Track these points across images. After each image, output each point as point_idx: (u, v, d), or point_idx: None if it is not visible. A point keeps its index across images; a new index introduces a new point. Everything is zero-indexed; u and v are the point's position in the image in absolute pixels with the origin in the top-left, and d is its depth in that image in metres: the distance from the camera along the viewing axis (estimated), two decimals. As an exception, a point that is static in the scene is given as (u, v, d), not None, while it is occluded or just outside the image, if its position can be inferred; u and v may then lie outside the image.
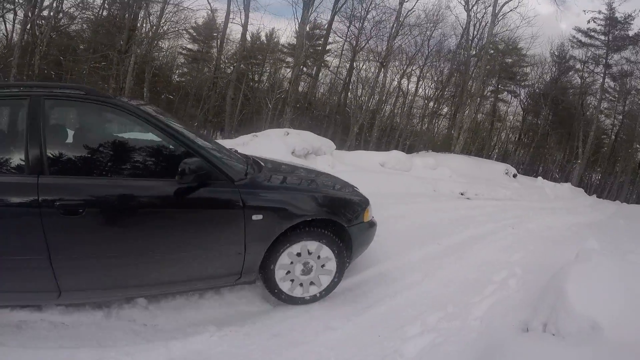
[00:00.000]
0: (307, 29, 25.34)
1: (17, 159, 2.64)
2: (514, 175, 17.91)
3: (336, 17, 25.40)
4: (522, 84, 35.62)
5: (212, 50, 33.46)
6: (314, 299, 3.63)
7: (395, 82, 29.01)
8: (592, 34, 31.47)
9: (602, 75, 31.09)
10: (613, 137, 35.53)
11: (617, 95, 33.38)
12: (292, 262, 3.44)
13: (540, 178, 20.73)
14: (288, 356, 2.91)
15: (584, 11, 34.02)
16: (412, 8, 24.95)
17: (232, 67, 25.95)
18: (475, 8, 25.91)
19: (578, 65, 32.98)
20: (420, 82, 30.19)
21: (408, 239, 5.54)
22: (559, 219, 10.17)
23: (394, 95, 29.80)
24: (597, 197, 24.19)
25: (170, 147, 3.03)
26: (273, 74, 31.22)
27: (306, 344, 3.06)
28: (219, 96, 25.49)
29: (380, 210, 5.75)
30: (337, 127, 27.74)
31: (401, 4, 23.95)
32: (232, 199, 3.06)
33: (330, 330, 3.25)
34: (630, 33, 30.01)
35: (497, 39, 26.28)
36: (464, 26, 26.64)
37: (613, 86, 32.88)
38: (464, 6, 25.61)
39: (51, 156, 2.67)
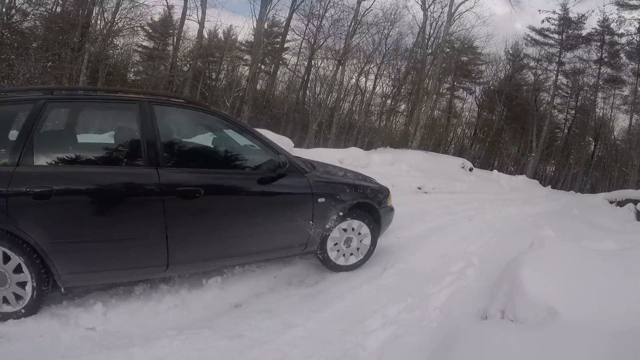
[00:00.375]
0: (265, 26, 25.23)
1: (138, 155, 3.18)
2: (470, 169, 18.38)
3: (294, 15, 25.42)
4: (477, 81, 36.99)
5: (168, 47, 32.79)
6: (355, 266, 4.51)
7: (353, 80, 29.24)
8: (546, 33, 33.12)
9: (555, 72, 32.69)
10: (566, 130, 37.11)
11: (569, 92, 35.26)
12: (340, 236, 4.28)
13: (495, 171, 21.40)
14: (251, 356, 2.88)
15: (539, 11, 35.53)
16: (370, 7, 25.29)
17: (188, 65, 25.54)
18: (432, 7, 26.47)
19: (532, 63, 34.51)
20: (378, 80, 30.61)
21: None
22: (514, 210, 10.50)
23: (352, 93, 30.01)
24: (551, 187, 25.13)
25: (256, 147, 3.79)
26: (231, 72, 30.85)
27: (269, 344, 3.04)
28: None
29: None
30: (296, 125, 27.69)
31: (359, 2, 24.18)
32: (304, 186, 3.87)
33: (292, 327, 3.24)
34: (583, 33, 31.88)
35: (453, 37, 26.79)
36: (420, 25, 27.20)
37: (566, 83, 34.72)
38: (421, 5, 26.13)
39: (165, 152, 3.27)
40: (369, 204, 4.47)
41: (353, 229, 4.35)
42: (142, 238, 3.14)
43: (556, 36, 32.64)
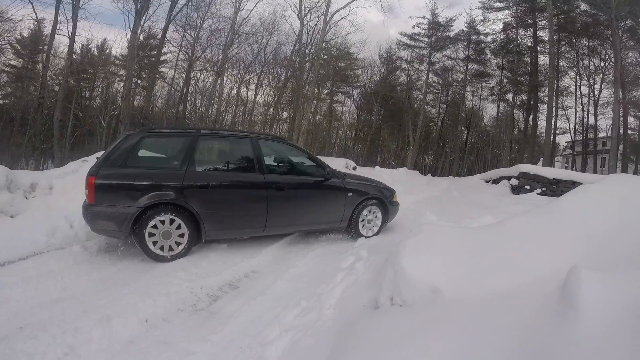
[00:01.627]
0: (141, 38, 24.02)
1: (252, 167, 5.65)
2: (354, 168, 18.95)
3: (171, 26, 24.34)
4: (355, 84, 39.19)
5: (38, 66, 29.89)
6: (373, 236, 6.68)
7: (235, 91, 29.13)
8: (417, 37, 35.99)
9: (426, 72, 35.42)
10: (440, 123, 40.58)
11: (440, 88, 38.63)
12: (365, 217, 6.66)
13: (377, 167, 22.40)
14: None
15: (410, 17, 39.55)
16: (248, 17, 25.18)
17: (59, 84, 23.16)
18: (308, 16, 26.92)
19: (404, 65, 37.37)
20: (259, 89, 30.80)
21: (253, 246, 5.81)
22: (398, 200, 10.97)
23: (233, 103, 29.84)
24: (431, 175, 26.78)
25: (313, 163, 6.41)
26: (105, 89, 29.16)
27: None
28: (47, 118, 22.17)
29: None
30: (178, 141, 26.55)
31: (236, 12, 23.85)
32: (340, 186, 6.37)
33: (190, 355, 3.10)
34: (451, 34, 35.40)
35: (329, 45, 27.56)
36: (297, 34, 27.46)
37: (436, 80, 38.04)
38: (298, 15, 26.43)
39: (266, 165, 5.80)
40: (380, 198, 6.85)
41: (372, 212, 6.76)
42: (254, 211, 5.58)
43: (426, 39, 35.57)
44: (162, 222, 4.94)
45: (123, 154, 5.00)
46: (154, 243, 4.93)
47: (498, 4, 33.57)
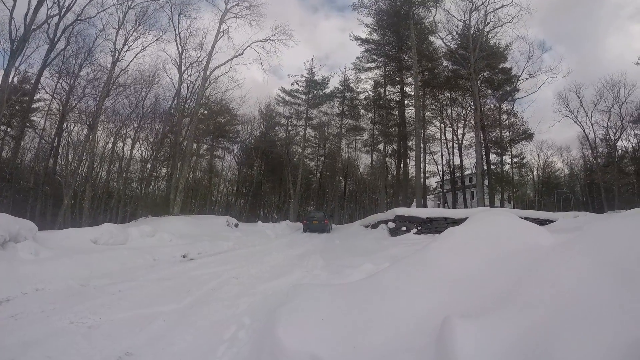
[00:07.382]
0: (15, 81, 22.14)
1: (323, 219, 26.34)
2: (236, 225, 19.05)
3: (46, 72, 22.35)
4: (235, 140, 40.66)
5: None
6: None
7: (110, 145, 27.78)
8: (295, 94, 39.11)
9: (303, 127, 38.44)
10: (319, 175, 43.79)
11: (318, 142, 42.24)
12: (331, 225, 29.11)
13: (260, 222, 22.71)
14: None
15: (289, 75, 43.21)
16: (126, 67, 24.30)
17: None
18: (188, 71, 27.04)
19: (283, 121, 40.11)
20: (136, 144, 29.57)
21: (125, 326, 4.65)
22: (280, 256, 11.07)
23: (108, 159, 28.42)
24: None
25: (325, 215, 27.34)
26: (-30, 136, 26.24)
27: None
28: None
29: (94, 299, 5.59)
30: (47, 199, 24.71)
31: (114, 63, 22.84)
32: (329, 221, 27.20)
33: None
34: (327, 91, 39.38)
35: (209, 100, 27.61)
36: (177, 87, 27.28)
37: (314, 135, 41.43)
38: (178, 69, 26.39)
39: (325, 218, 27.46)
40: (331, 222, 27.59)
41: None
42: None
43: (304, 96, 38.68)
44: None
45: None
46: None
47: (369, 65, 37.41)
